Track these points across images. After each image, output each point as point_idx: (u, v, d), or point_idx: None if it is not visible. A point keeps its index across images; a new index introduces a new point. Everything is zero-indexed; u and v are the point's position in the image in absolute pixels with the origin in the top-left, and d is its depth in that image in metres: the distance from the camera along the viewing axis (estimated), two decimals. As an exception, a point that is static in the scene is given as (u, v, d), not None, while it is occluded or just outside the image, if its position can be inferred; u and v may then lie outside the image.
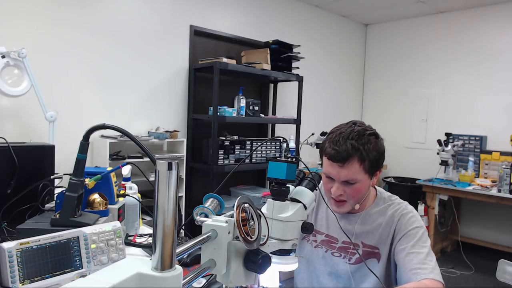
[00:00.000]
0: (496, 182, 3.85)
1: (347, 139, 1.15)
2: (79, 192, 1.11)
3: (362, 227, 1.27)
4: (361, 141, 1.15)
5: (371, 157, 1.16)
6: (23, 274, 0.88)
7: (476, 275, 3.74)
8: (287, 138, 3.21)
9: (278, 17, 4.37)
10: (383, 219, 1.26)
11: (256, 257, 0.72)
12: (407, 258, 1.13)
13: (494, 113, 4.40)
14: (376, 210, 1.28)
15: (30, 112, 2.69)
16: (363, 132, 1.18)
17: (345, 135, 1.17)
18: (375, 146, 1.17)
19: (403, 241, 1.18)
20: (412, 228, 1.19)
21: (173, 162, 0.54)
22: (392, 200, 1.31)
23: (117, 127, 1.06)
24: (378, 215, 1.27)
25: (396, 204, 1.28)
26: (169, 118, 3.54)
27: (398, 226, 1.22)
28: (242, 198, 0.74)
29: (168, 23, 3.47)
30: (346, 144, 1.15)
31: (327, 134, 1.25)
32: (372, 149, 1.16)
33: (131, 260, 0.58)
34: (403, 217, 1.23)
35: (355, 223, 1.27)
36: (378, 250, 1.24)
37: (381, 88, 5.46)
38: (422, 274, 1.06)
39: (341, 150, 1.14)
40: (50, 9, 2.81)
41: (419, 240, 1.16)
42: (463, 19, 4.63)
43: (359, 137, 1.16)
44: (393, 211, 1.26)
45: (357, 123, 1.22)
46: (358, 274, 1.25)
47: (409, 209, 1.26)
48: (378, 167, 1.21)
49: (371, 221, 1.27)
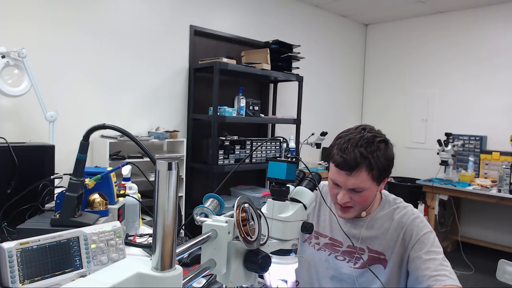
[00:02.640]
0: (496, 182, 3.85)
1: (356, 146, 1.11)
2: (79, 192, 1.11)
3: (368, 232, 1.24)
4: (370, 148, 1.11)
5: (379, 166, 1.12)
6: (23, 274, 0.88)
7: (476, 275, 3.74)
8: (287, 138, 3.21)
9: (278, 17, 4.37)
10: (390, 224, 1.23)
11: (256, 257, 0.72)
12: (423, 266, 1.10)
13: (494, 113, 4.40)
14: (382, 214, 1.25)
15: (30, 112, 2.69)
16: (373, 139, 1.13)
17: (353, 142, 1.13)
18: (384, 153, 1.14)
19: (416, 249, 1.15)
20: (424, 233, 1.17)
21: (173, 162, 0.54)
22: (397, 203, 1.28)
23: (117, 127, 1.05)
24: (385, 220, 1.24)
25: (402, 208, 1.25)
26: (169, 118, 3.54)
27: (408, 233, 1.19)
28: (242, 198, 0.74)
29: (168, 23, 3.47)
30: (355, 152, 1.11)
31: (335, 138, 1.20)
32: (382, 157, 1.13)
33: (131, 260, 0.58)
34: (412, 223, 1.20)
35: (361, 228, 1.24)
36: (384, 256, 1.22)
37: (381, 88, 5.46)
38: (441, 281, 1.05)
39: (349, 158, 1.11)
40: (50, 9, 2.81)
41: (432, 245, 1.14)
42: (463, 19, 4.63)
43: (368, 145, 1.12)
44: (400, 215, 1.23)
45: (367, 129, 1.17)
46: (363, 279, 1.22)
47: (416, 214, 1.24)
48: (386, 175, 1.18)
49: (378, 226, 1.24)
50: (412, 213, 1.23)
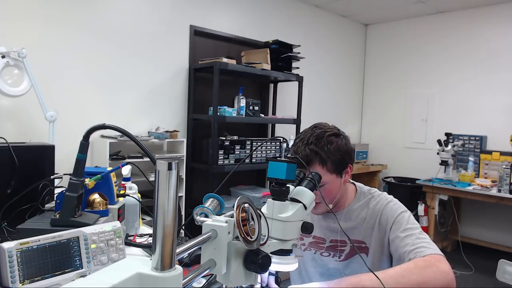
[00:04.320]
0: (496, 182, 3.85)
1: (307, 144, 1.20)
2: (79, 192, 1.11)
3: (346, 223, 1.29)
4: (320, 144, 1.19)
5: (332, 158, 1.19)
6: (23, 274, 0.88)
7: (476, 275, 3.74)
8: (287, 138, 3.21)
9: (278, 17, 4.37)
10: (366, 213, 1.28)
11: (256, 257, 0.72)
12: (402, 244, 1.14)
13: (494, 113, 4.40)
14: (358, 205, 1.31)
15: (30, 112, 2.69)
16: (322, 134, 1.21)
17: (304, 140, 1.21)
18: (336, 146, 1.20)
19: (394, 229, 1.20)
20: (398, 214, 1.22)
21: (173, 162, 0.54)
22: (371, 193, 1.33)
23: (117, 127, 1.05)
24: (361, 209, 1.30)
25: (377, 196, 1.31)
26: (169, 118, 3.54)
27: (384, 217, 1.24)
28: (242, 198, 0.74)
29: (168, 23, 3.47)
30: (305, 149, 1.19)
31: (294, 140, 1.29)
32: (333, 150, 1.19)
33: (131, 260, 0.58)
34: (386, 207, 1.25)
35: (340, 221, 1.30)
36: (365, 244, 1.26)
37: (381, 88, 5.45)
38: (420, 252, 1.08)
39: (301, 156, 1.18)
40: (50, 9, 2.81)
41: (408, 223, 1.19)
42: (463, 19, 4.63)
43: (318, 140, 1.19)
44: (375, 203, 1.28)
45: (318, 126, 1.25)
46: (348, 270, 1.27)
47: (390, 198, 1.29)
48: (344, 165, 1.23)
49: (355, 217, 1.29)
50: (385, 198, 1.29)
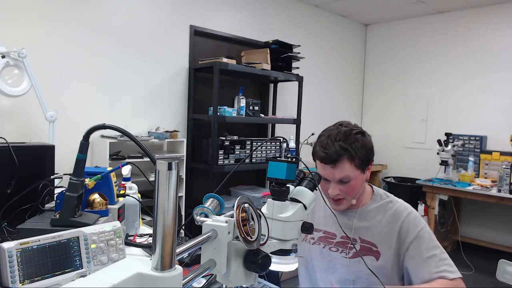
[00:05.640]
0: (496, 182, 3.85)
1: (335, 140, 1.22)
2: (79, 192, 1.11)
3: (360, 222, 1.31)
4: (349, 141, 1.22)
5: (359, 155, 1.22)
6: (23, 274, 0.88)
7: (476, 275, 3.74)
8: (287, 138, 3.22)
9: (278, 17, 4.37)
10: (382, 217, 1.29)
11: (256, 257, 0.72)
12: (425, 264, 1.19)
13: (494, 113, 4.40)
14: (375, 207, 1.32)
15: (30, 112, 2.69)
16: (350, 132, 1.24)
17: (333, 137, 1.24)
18: (362, 143, 1.24)
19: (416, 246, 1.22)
20: (420, 229, 1.24)
21: (173, 162, 0.54)
22: (388, 197, 1.35)
23: (117, 127, 1.05)
24: (377, 212, 1.31)
25: (395, 202, 1.32)
26: (169, 118, 3.54)
27: (404, 228, 1.25)
28: (242, 198, 0.74)
29: (168, 23, 3.47)
30: (335, 145, 1.21)
31: (318, 137, 1.31)
32: (360, 147, 1.23)
33: (131, 260, 0.58)
34: (408, 218, 1.26)
35: (354, 219, 1.31)
36: (376, 248, 1.26)
37: (381, 88, 5.45)
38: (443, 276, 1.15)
39: (331, 152, 1.21)
40: (50, 9, 2.81)
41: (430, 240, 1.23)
42: (463, 19, 4.62)
43: (346, 137, 1.23)
44: (394, 209, 1.29)
45: (343, 124, 1.30)
46: (355, 268, 1.27)
47: (410, 208, 1.30)
48: (368, 162, 1.28)
49: (370, 217, 1.30)
50: (405, 208, 1.30)
